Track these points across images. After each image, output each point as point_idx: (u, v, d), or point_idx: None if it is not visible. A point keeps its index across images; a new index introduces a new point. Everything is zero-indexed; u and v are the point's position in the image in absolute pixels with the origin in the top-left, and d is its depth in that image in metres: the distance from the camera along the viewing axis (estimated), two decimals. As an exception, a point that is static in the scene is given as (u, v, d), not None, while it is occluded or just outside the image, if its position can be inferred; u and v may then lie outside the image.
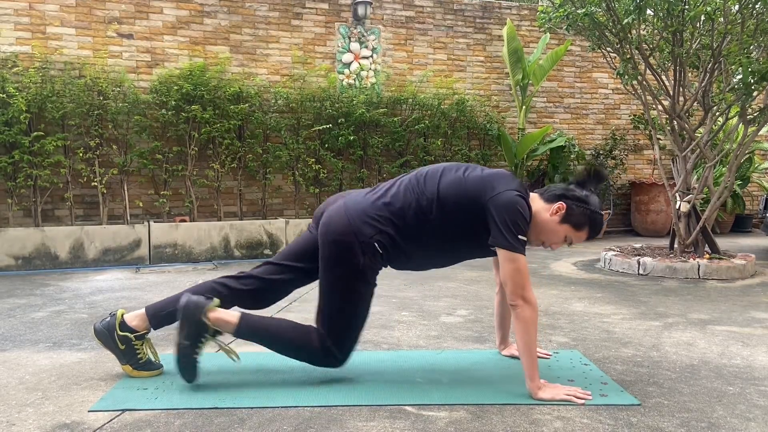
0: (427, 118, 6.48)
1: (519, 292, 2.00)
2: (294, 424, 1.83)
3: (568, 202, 2.11)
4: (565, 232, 2.13)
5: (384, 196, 2.14)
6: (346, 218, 2.11)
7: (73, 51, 5.56)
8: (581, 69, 7.80)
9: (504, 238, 1.98)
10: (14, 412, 1.92)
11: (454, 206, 2.07)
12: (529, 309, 2.00)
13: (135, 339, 2.20)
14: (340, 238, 2.09)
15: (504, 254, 2.00)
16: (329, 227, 2.12)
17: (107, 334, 2.19)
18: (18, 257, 4.89)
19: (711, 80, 4.75)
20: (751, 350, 2.66)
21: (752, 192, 8.58)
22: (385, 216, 2.10)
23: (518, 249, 1.99)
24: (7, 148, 5.06)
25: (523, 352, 2.03)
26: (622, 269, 4.91)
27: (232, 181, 6.03)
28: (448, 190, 2.08)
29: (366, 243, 2.08)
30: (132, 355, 2.21)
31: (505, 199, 2.00)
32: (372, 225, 2.08)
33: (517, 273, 1.99)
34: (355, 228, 2.08)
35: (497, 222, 1.99)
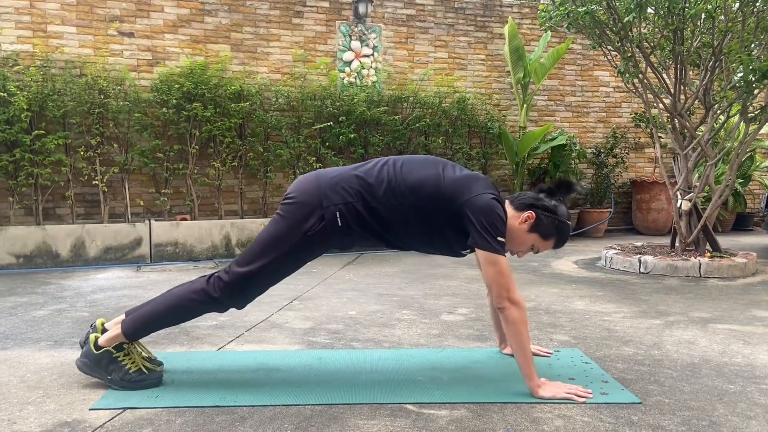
0: (428, 117, 6.48)
1: (504, 294, 1.99)
2: (295, 423, 1.83)
3: (537, 211, 2.12)
4: (533, 240, 2.15)
5: (357, 170, 2.12)
6: (316, 183, 2.09)
7: (74, 49, 5.56)
8: (582, 67, 7.79)
9: (484, 239, 1.97)
10: (15, 411, 1.92)
11: (426, 200, 2.04)
12: (517, 310, 2.00)
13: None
14: (304, 198, 2.07)
15: (485, 257, 1.99)
16: (296, 189, 2.11)
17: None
18: (19, 255, 4.89)
19: (712, 78, 4.74)
20: (752, 349, 2.66)
21: (753, 190, 8.57)
22: (355, 189, 2.06)
23: (498, 251, 1.98)
24: (8, 147, 5.06)
25: (517, 353, 2.03)
26: (623, 268, 4.91)
27: (233, 180, 6.03)
28: (423, 183, 2.06)
29: (328, 209, 2.04)
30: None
31: (483, 201, 2.00)
32: (340, 194, 2.05)
33: (500, 275, 1.99)
34: (322, 192, 2.06)
35: (475, 224, 1.98)
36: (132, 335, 2.13)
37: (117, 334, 2.11)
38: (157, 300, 2.17)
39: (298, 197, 2.08)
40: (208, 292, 2.08)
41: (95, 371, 2.12)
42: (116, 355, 2.11)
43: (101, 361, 2.11)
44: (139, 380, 2.10)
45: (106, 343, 2.11)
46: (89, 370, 2.13)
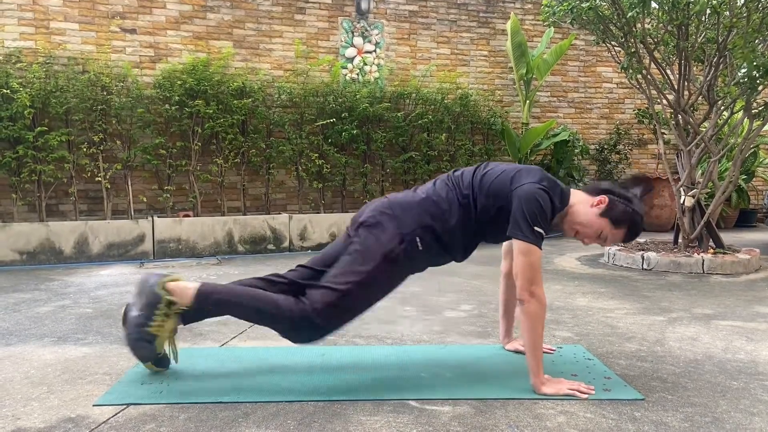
0: (430, 113, 6.47)
1: (528, 286, 1.98)
2: (298, 419, 1.83)
3: (611, 196, 2.10)
4: (602, 226, 2.09)
5: (425, 192, 2.14)
6: (389, 207, 2.10)
7: (76, 46, 5.57)
8: (585, 63, 7.77)
9: (519, 229, 1.97)
10: (19, 406, 1.93)
11: (487, 200, 2.07)
12: (537, 305, 1.99)
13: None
14: (385, 221, 2.07)
15: (519, 246, 1.99)
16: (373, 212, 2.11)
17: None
18: (23, 252, 4.90)
19: (716, 74, 4.72)
20: (755, 345, 2.65)
21: (757, 186, 8.55)
22: (428, 211, 2.08)
23: (533, 241, 1.96)
24: (11, 143, 5.07)
25: (528, 348, 2.03)
26: (626, 264, 4.90)
27: (236, 176, 6.04)
28: (482, 185, 2.09)
29: (406, 235, 2.05)
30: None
31: (526, 190, 2.00)
32: (415, 219, 2.07)
33: (529, 267, 1.97)
34: (398, 219, 2.07)
35: (515, 212, 1.99)
36: (200, 301, 2.04)
37: (189, 292, 2.03)
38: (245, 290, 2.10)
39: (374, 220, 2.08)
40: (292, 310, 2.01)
41: (140, 297, 2.04)
42: (159, 306, 2.03)
43: (151, 297, 2.02)
44: (146, 341, 2.04)
45: (172, 290, 2.04)
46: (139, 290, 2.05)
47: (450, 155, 6.66)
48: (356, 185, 6.37)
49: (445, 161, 6.60)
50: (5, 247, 4.85)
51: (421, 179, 6.64)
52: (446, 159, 6.62)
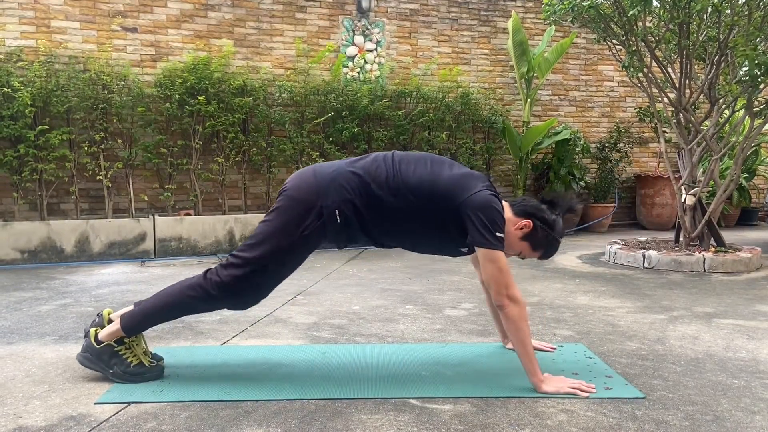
0: (431, 112, 6.47)
1: (503, 291, 1.99)
2: (299, 417, 1.84)
3: (535, 222, 2.13)
4: (522, 248, 2.17)
5: (354, 165, 2.10)
6: (314, 179, 2.07)
7: (77, 45, 5.57)
8: (586, 61, 7.77)
9: (482, 236, 1.96)
10: (21, 405, 1.93)
11: (425, 199, 2.02)
12: (517, 307, 1.99)
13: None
14: (302, 195, 2.04)
15: (484, 254, 1.99)
16: (293, 184, 2.09)
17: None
18: (24, 251, 4.91)
19: (717, 73, 4.71)
20: (756, 343, 2.65)
21: (758, 185, 8.54)
22: (353, 185, 2.04)
23: (498, 246, 1.97)
24: (12, 142, 5.07)
25: (518, 349, 2.03)
26: (627, 262, 4.90)
27: (237, 175, 6.04)
28: (422, 181, 2.04)
29: (327, 207, 2.02)
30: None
31: (482, 198, 1.99)
32: (338, 191, 2.03)
33: (500, 272, 1.98)
34: (321, 190, 2.03)
35: (474, 221, 1.97)
36: (130, 330, 2.13)
37: (117, 329, 2.12)
38: (156, 295, 2.17)
39: (294, 194, 2.06)
40: (205, 288, 2.07)
41: (97, 365, 2.13)
42: (117, 349, 2.12)
43: (102, 355, 2.12)
44: (140, 373, 2.12)
45: (106, 337, 2.12)
46: (91, 364, 2.14)
47: (451, 154, 6.65)
48: (357, 184, 6.37)
49: (446, 160, 6.58)
50: (7, 246, 4.86)
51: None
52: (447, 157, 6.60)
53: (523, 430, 1.75)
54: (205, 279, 2.09)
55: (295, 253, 2.09)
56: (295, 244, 2.06)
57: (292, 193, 2.07)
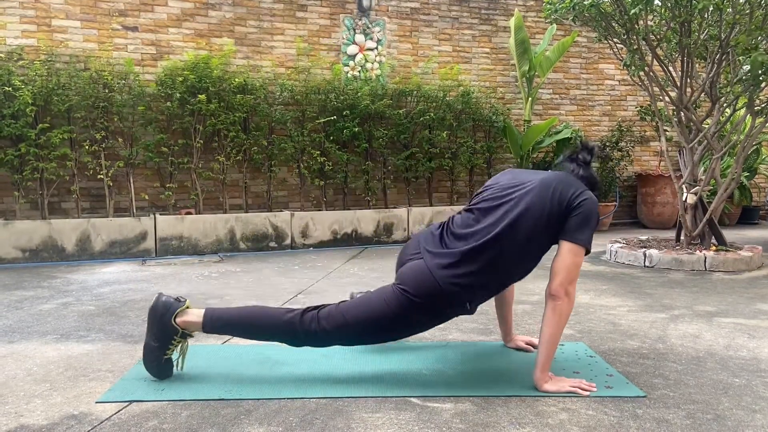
0: (432, 110, 6.46)
1: (566, 284, 2.01)
2: (300, 416, 1.84)
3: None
4: None
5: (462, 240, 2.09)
6: (433, 280, 2.04)
7: (78, 44, 5.57)
8: (587, 60, 7.76)
9: (582, 233, 2.02)
10: (22, 403, 1.94)
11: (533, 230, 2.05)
12: (569, 304, 2.02)
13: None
14: (429, 302, 2.05)
15: (572, 247, 2.02)
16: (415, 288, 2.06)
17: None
18: (25, 249, 4.91)
19: (719, 71, 4.71)
20: (757, 342, 2.65)
21: (759, 184, 8.53)
22: (472, 271, 2.04)
23: (588, 247, 2.04)
24: (13, 141, 5.08)
25: (546, 341, 2.03)
26: (628, 261, 4.89)
27: (238, 174, 6.04)
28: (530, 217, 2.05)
29: (456, 302, 2.07)
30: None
31: (594, 202, 2.06)
32: (462, 285, 2.04)
33: (575, 267, 2.02)
34: (447, 290, 2.03)
35: (581, 220, 2.02)
36: (209, 328, 2.13)
37: (197, 321, 2.12)
38: (249, 309, 2.18)
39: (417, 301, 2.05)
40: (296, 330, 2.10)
41: (153, 329, 2.11)
42: (175, 337, 2.12)
43: (167, 329, 2.10)
44: (162, 370, 2.12)
45: (181, 323, 2.11)
46: (151, 324, 2.12)
47: (452, 152, 6.65)
48: (358, 182, 6.37)
49: (447, 158, 6.59)
50: (8, 245, 4.86)
51: (423, 177, 6.64)
52: (448, 156, 6.61)
53: (524, 428, 1.75)
54: (300, 321, 2.10)
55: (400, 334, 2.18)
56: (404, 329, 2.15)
57: (419, 300, 2.05)
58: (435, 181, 6.84)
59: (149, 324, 2.13)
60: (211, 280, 4.12)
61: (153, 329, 2.11)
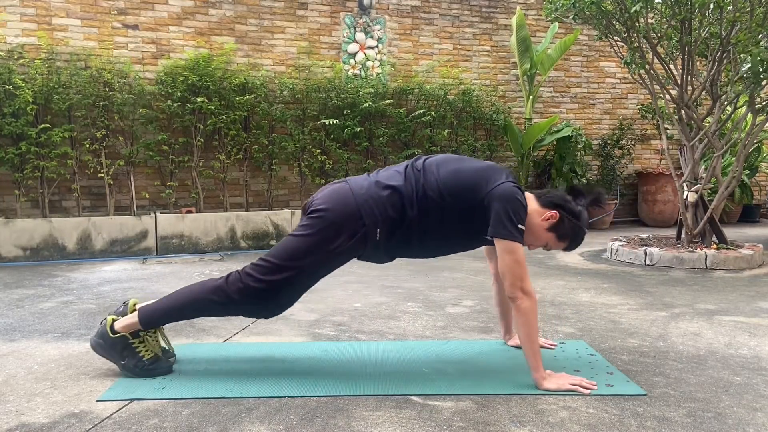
0: (433, 109, 6.46)
1: (518, 284, 1.99)
2: (300, 414, 1.84)
3: (562, 212, 2.13)
4: (548, 239, 2.17)
5: (387, 180, 2.10)
6: (353, 198, 2.06)
7: (78, 42, 5.57)
8: (588, 58, 7.75)
9: (504, 227, 1.98)
10: (23, 402, 1.94)
11: (452, 198, 2.05)
12: (529, 301, 2.00)
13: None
14: (338, 215, 2.04)
15: (503, 245, 2.00)
16: (330, 202, 2.07)
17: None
18: (26, 248, 4.92)
19: (719, 69, 4.70)
20: (758, 340, 2.65)
21: (760, 182, 8.53)
22: (391, 202, 2.06)
23: (518, 238, 1.99)
24: (14, 140, 5.08)
25: (525, 343, 2.04)
26: (628, 259, 4.89)
27: (238, 173, 6.04)
28: (447, 182, 2.06)
29: (369, 226, 2.04)
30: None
31: (505, 189, 2.01)
32: (378, 208, 2.05)
33: (516, 264, 1.99)
34: (362, 209, 2.04)
35: (498, 212, 1.99)
36: (147, 324, 2.13)
37: (134, 321, 2.12)
38: (177, 292, 2.18)
39: (330, 215, 2.05)
40: (227, 292, 2.08)
41: (109, 354, 2.14)
42: (131, 342, 2.13)
43: (116, 345, 2.12)
44: (151, 368, 2.13)
45: (122, 329, 2.12)
46: (103, 352, 2.15)
47: (452, 151, 6.65)
48: (358, 181, 6.36)
49: (448, 157, 6.59)
50: (9, 243, 4.87)
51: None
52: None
53: (524, 427, 1.75)
54: (227, 282, 2.09)
55: (325, 267, 2.12)
56: (327, 260, 2.08)
57: (329, 215, 2.05)
58: (435, 180, 6.83)
59: (106, 356, 2.15)
60: (211, 279, 4.12)
61: (112, 356, 2.14)
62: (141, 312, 2.14)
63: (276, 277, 2.05)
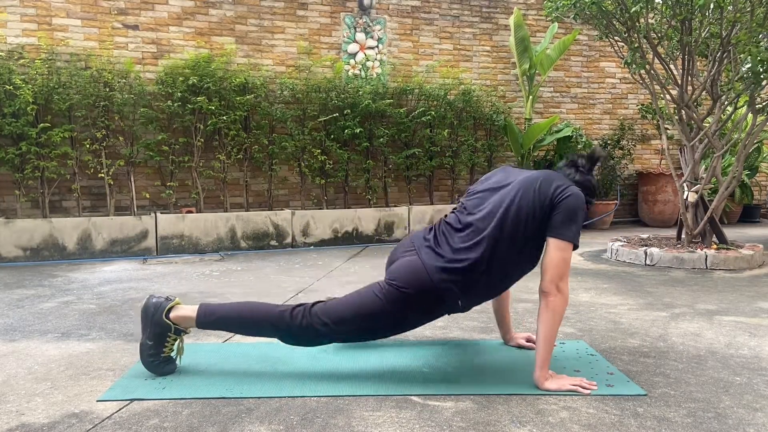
0: (433, 109, 6.46)
1: (557, 281, 2.01)
2: (301, 414, 1.84)
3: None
4: None
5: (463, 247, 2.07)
6: (428, 278, 2.04)
7: (78, 42, 5.57)
8: (588, 58, 7.75)
9: (570, 230, 2.01)
10: (23, 402, 1.94)
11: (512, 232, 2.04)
12: (562, 300, 2.02)
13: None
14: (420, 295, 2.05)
15: (558, 243, 2.02)
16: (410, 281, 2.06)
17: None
18: (26, 248, 4.92)
19: (720, 69, 4.70)
20: (758, 340, 2.65)
21: (761, 182, 8.52)
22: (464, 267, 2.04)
23: (575, 241, 2.03)
24: (14, 140, 5.08)
25: (543, 339, 2.03)
26: (629, 260, 4.89)
27: (238, 173, 6.04)
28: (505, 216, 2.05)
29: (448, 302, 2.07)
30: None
31: (578, 196, 2.05)
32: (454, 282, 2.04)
33: (563, 263, 2.01)
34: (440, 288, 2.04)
35: (565, 215, 2.01)
36: (202, 322, 2.16)
37: (191, 316, 2.15)
38: (243, 306, 2.20)
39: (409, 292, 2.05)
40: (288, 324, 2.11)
41: (147, 325, 2.14)
42: (170, 334, 2.15)
43: (158, 325, 2.13)
44: (159, 366, 2.14)
45: (176, 318, 2.14)
46: (146, 319, 2.15)
47: (453, 151, 6.65)
48: (359, 181, 6.37)
49: (448, 157, 6.60)
50: (9, 244, 4.87)
51: (424, 175, 6.64)
52: (449, 155, 6.61)
53: (524, 427, 1.75)
54: (291, 316, 2.11)
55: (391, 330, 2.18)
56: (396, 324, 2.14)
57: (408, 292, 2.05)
58: (436, 180, 6.84)
59: (143, 324, 2.15)
60: (211, 279, 4.13)
61: (147, 329, 2.14)
62: (201, 309, 2.16)
63: (340, 328, 2.09)
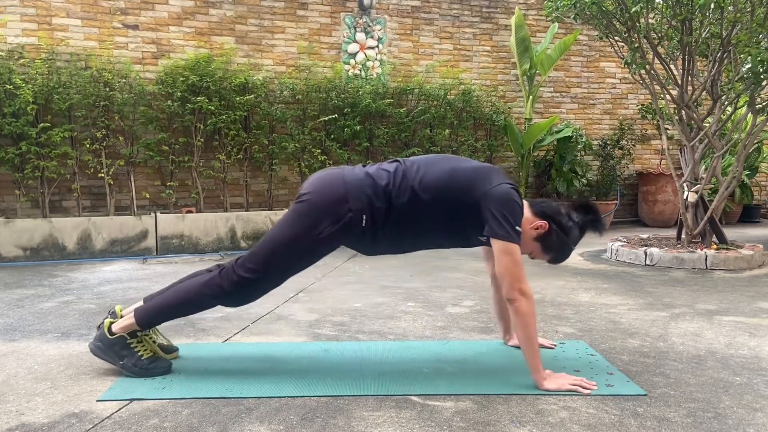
0: (433, 109, 6.46)
1: (516, 285, 1.99)
2: (300, 414, 1.84)
3: (552, 225, 2.13)
4: (533, 248, 2.17)
5: (378, 174, 2.10)
6: (343, 183, 2.07)
7: (79, 42, 5.57)
8: (588, 58, 7.75)
9: (502, 228, 1.98)
10: (23, 402, 1.94)
11: (444, 195, 2.05)
12: (527, 302, 2.00)
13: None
14: (326, 200, 2.05)
15: (500, 246, 1.99)
16: (320, 187, 2.08)
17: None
18: (26, 248, 4.92)
19: (720, 69, 4.70)
20: (758, 341, 2.65)
21: (761, 182, 8.52)
22: (380, 193, 2.05)
23: (516, 240, 1.99)
24: (14, 140, 5.08)
25: (524, 345, 2.03)
26: (628, 260, 4.89)
27: (238, 172, 6.04)
28: (441, 179, 2.06)
29: (354, 211, 2.03)
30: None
31: (503, 191, 2.02)
32: (367, 196, 2.04)
33: (514, 265, 1.98)
34: (351, 195, 2.04)
35: (494, 213, 1.98)
36: (145, 324, 2.16)
37: (131, 322, 2.15)
38: (170, 290, 2.19)
39: (317, 199, 2.06)
40: (220, 285, 2.10)
41: (108, 356, 2.16)
42: (129, 342, 2.15)
43: (114, 346, 2.14)
44: (150, 367, 2.14)
45: (120, 330, 2.15)
46: (102, 354, 2.16)
47: (453, 151, 6.65)
48: (359, 181, 6.36)
49: (448, 157, 6.59)
50: (9, 243, 4.87)
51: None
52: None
53: (524, 427, 1.75)
54: (220, 276, 2.11)
55: (311, 254, 2.14)
56: (313, 246, 2.10)
57: (315, 198, 2.07)
58: (436, 180, 6.83)
59: (107, 358, 2.17)
60: (211, 279, 4.12)
61: (111, 356, 2.15)
62: (137, 312, 2.16)
63: (269, 268, 2.08)
